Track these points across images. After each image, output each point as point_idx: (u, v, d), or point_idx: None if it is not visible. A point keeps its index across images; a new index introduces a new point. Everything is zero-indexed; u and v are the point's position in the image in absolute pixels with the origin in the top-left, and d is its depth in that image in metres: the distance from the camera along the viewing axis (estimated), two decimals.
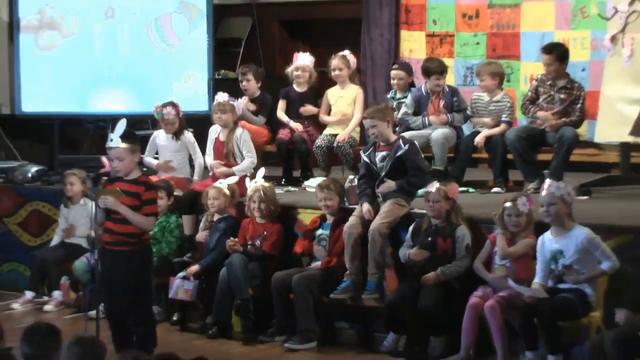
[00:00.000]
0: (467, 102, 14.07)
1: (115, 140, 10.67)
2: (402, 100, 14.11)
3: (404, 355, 11.44)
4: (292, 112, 14.82)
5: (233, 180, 13.01)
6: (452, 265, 11.21)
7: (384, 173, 11.79)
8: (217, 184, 12.88)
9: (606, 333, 9.77)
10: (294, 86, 14.96)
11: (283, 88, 15.13)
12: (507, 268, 10.88)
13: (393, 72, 14.62)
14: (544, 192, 10.66)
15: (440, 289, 11.21)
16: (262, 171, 13.10)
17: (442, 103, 13.88)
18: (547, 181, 10.94)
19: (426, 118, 13.75)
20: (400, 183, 11.73)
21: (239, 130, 13.72)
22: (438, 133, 13.54)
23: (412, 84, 14.52)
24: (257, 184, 12.72)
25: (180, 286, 12.58)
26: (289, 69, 15.06)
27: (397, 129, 13.24)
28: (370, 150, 12.06)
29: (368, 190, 11.94)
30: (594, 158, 15.11)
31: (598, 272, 10.43)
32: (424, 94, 14.09)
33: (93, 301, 11.41)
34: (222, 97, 13.85)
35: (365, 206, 11.76)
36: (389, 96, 14.53)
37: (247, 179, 13.16)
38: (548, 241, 10.61)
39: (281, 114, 14.88)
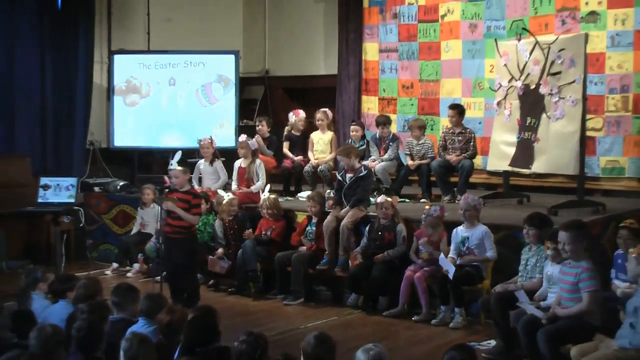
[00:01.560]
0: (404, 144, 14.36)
1: (174, 164, 11.18)
2: (360, 147, 14.17)
3: (362, 308, 11.73)
4: (293, 150, 15.04)
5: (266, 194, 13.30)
6: (394, 250, 11.60)
7: (346, 185, 12.23)
8: (263, 196, 13.17)
9: (492, 294, 9.94)
10: (293, 131, 15.16)
11: (285, 133, 15.34)
12: (428, 253, 11.20)
13: (352, 127, 14.70)
14: (462, 202, 11.13)
15: (386, 265, 11.55)
16: (267, 187, 13.43)
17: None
18: (465, 195, 11.31)
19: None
20: (352, 202, 12.17)
21: (258, 161, 13.98)
22: (380, 166, 13.97)
23: (363, 136, 14.61)
24: (266, 195, 12.98)
25: (217, 263, 12.75)
26: (290, 121, 15.28)
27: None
28: (342, 172, 12.48)
29: (339, 199, 12.36)
30: (487, 180, 15.12)
31: (484, 258, 10.80)
32: (377, 138, 14.35)
33: (158, 270, 11.91)
34: (241, 137, 14.16)
35: (339, 209, 12.24)
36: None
37: (260, 192, 13.40)
38: (460, 231, 11.07)
39: (286, 151, 15.10)
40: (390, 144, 14.26)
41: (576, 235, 8.59)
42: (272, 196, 13.17)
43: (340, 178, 12.49)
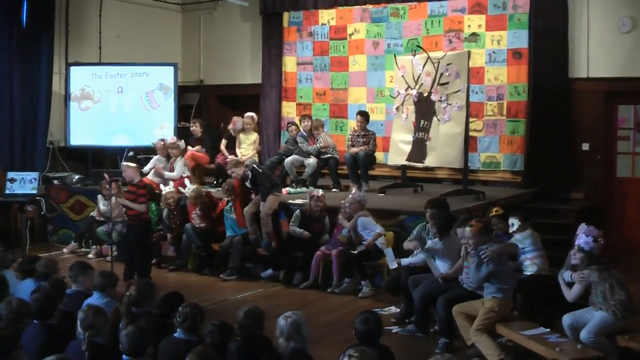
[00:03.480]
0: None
1: (125, 161, 10.99)
2: (301, 143, 14.41)
3: (282, 282, 11.67)
4: (228, 147, 15.02)
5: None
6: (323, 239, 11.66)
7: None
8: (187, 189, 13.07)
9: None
10: (231, 132, 15.11)
11: (225, 133, 15.35)
12: (346, 236, 11.25)
13: (290, 128, 14.98)
14: (350, 196, 11.24)
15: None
16: (188, 182, 13.48)
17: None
18: (355, 190, 11.34)
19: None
20: (261, 196, 12.13)
21: (179, 160, 14.14)
22: (288, 159, 14.35)
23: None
24: (190, 188, 13.00)
25: (168, 248, 12.94)
26: (230, 127, 15.22)
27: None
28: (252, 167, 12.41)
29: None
30: (388, 173, 15.17)
31: (376, 235, 10.85)
32: (305, 133, 14.44)
33: (121, 252, 11.99)
34: (171, 139, 14.47)
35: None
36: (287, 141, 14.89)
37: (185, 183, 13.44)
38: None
39: (223, 148, 15.04)
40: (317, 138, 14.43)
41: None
42: (195, 186, 13.10)
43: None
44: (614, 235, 13.15)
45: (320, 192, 11.91)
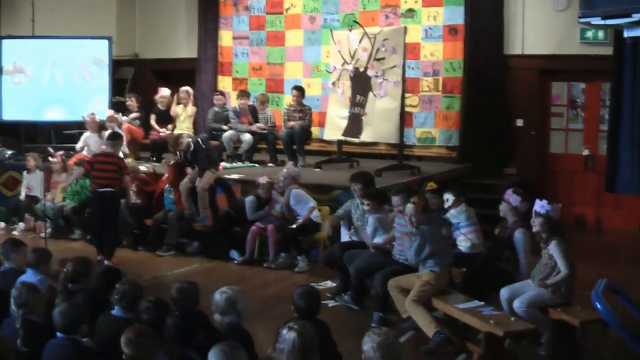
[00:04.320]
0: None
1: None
2: (224, 112, 14.48)
3: (219, 258, 11.59)
4: (158, 121, 14.83)
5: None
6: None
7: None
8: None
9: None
10: (159, 106, 14.94)
11: (153, 107, 15.13)
12: (280, 211, 11.33)
13: (216, 97, 15.02)
14: (284, 171, 11.29)
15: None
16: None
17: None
18: (289, 165, 11.33)
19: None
20: (199, 171, 12.03)
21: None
22: (227, 134, 14.17)
23: (225, 103, 14.97)
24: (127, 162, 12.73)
25: None
26: (156, 97, 15.08)
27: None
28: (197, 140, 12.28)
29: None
30: (324, 148, 15.17)
31: (310, 208, 10.92)
32: (237, 110, 14.30)
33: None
34: (110, 112, 14.37)
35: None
36: (212, 111, 14.70)
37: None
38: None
39: (153, 123, 14.88)
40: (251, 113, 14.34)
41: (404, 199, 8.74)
42: (130, 160, 13.01)
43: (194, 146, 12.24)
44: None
45: (267, 179, 11.75)
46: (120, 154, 12.28)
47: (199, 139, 12.40)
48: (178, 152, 12.30)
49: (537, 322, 7.43)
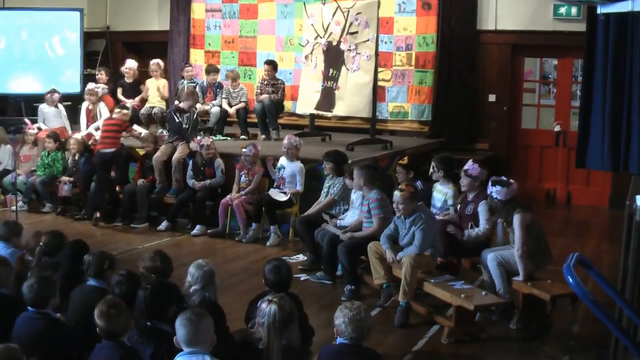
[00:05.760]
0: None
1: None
2: (191, 84, 14.30)
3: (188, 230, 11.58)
4: (125, 94, 14.71)
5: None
6: (213, 180, 11.60)
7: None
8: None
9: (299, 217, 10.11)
10: (125, 78, 14.85)
11: (119, 80, 15.01)
12: (245, 182, 11.33)
13: (186, 68, 14.97)
14: (285, 141, 11.16)
15: (207, 192, 11.55)
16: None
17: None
18: (289, 136, 11.28)
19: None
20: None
21: (101, 104, 13.81)
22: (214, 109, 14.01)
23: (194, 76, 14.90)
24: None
25: (63, 188, 12.54)
26: (122, 68, 14.98)
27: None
28: (176, 112, 12.29)
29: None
30: (296, 122, 15.23)
31: (295, 190, 10.99)
32: (205, 85, 14.21)
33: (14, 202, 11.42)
34: (91, 85, 14.05)
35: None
36: (181, 84, 14.59)
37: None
38: (282, 162, 11.19)
39: (120, 96, 14.68)
40: (218, 90, 14.21)
41: (365, 174, 8.80)
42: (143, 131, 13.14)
43: (176, 118, 12.23)
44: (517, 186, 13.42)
45: (210, 140, 11.93)
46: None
47: (173, 112, 12.40)
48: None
49: (502, 282, 7.59)
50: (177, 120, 12.19)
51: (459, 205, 8.62)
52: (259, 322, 5.07)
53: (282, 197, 10.85)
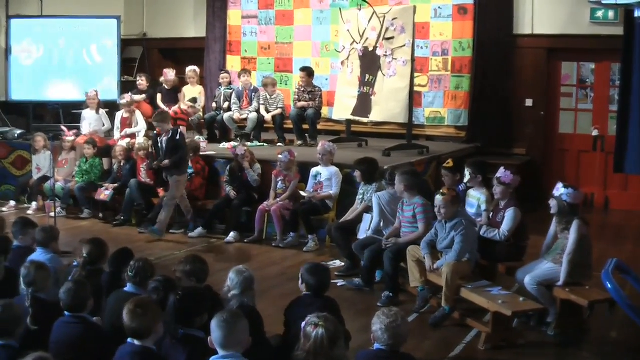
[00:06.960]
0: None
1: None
2: (228, 90, 14.36)
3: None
4: (163, 100, 14.81)
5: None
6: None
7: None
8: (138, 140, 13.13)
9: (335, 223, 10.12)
10: (164, 86, 14.92)
11: (159, 87, 15.09)
12: (282, 189, 11.27)
13: (222, 75, 14.83)
14: (320, 147, 11.21)
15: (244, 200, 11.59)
16: (142, 133, 13.69)
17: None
18: (322, 142, 11.30)
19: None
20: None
21: (137, 112, 13.91)
22: (227, 115, 14.10)
23: (231, 82, 14.81)
24: (141, 140, 13.04)
25: (102, 192, 12.69)
26: (161, 79, 15.05)
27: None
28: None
29: None
30: (332, 127, 15.26)
31: (328, 194, 10.99)
32: (240, 90, 14.22)
33: (52, 208, 11.52)
34: (127, 97, 14.16)
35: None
36: (218, 91, 14.63)
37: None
38: (316, 169, 11.20)
39: (159, 102, 14.75)
40: (254, 94, 14.15)
41: (406, 179, 8.79)
42: (144, 139, 13.06)
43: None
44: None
45: (243, 149, 11.83)
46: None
47: (180, 131, 12.00)
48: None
49: (544, 299, 7.49)
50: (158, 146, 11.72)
51: (492, 213, 8.56)
52: (305, 347, 4.80)
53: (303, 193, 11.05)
